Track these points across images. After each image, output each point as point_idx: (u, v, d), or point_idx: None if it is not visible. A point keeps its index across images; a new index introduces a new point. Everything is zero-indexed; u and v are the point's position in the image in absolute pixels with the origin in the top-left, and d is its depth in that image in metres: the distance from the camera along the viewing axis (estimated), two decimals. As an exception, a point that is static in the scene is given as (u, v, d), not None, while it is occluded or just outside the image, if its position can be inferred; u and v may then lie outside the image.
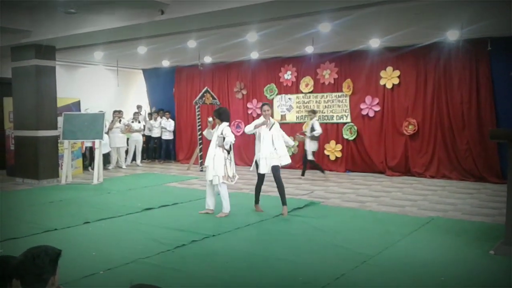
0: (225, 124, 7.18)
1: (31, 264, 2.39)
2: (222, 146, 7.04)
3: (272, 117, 7.46)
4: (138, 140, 14.12)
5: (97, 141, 10.85)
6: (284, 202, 7.23)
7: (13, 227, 6.54)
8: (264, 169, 7.17)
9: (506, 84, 9.81)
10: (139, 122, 14.22)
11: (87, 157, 12.87)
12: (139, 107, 15.00)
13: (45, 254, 2.44)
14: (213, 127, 7.41)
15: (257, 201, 7.53)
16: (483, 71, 10.11)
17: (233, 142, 7.18)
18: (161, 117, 14.79)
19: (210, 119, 7.52)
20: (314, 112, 11.08)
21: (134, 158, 14.25)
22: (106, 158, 13.03)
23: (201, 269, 4.92)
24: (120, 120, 13.31)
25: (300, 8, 7.09)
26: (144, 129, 14.58)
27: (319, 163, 11.28)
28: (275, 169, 7.18)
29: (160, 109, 14.97)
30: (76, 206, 8.21)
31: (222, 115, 7.25)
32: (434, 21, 8.21)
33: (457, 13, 7.59)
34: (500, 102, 9.94)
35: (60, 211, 7.81)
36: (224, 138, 7.03)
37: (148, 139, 14.96)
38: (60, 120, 11.03)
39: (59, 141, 11.05)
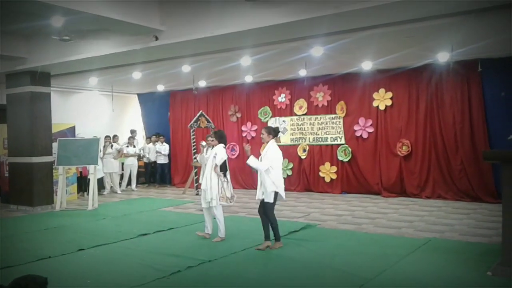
0: (221, 145, 7.21)
1: None
2: (216, 167, 7.01)
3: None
4: (132, 164, 14.09)
5: (91, 167, 10.82)
6: (276, 238, 6.74)
7: (7, 255, 6.46)
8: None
9: (497, 104, 9.93)
10: (134, 146, 14.21)
11: (81, 183, 12.81)
12: (133, 131, 15.02)
13: (34, 283, 2.43)
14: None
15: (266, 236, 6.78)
16: (474, 92, 10.24)
17: (223, 159, 7.12)
18: (153, 142, 14.79)
19: (204, 143, 7.57)
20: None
21: (129, 183, 14.19)
22: (101, 183, 12.97)
23: (198, 295, 4.88)
24: (112, 146, 13.30)
25: (293, 33, 7.20)
26: (142, 153, 14.61)
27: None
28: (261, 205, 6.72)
29: (156, 133, 14.98)
30: (71, 233, 8.14)
31: (223, 138, 7.29)
32: (425, 44, 8.34)
33: (447, 36, 7.72)
34: (492, 122, 10.03)
35: (55, 238, 7.74)
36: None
37: (145, 164, 14.99)
38: (55, 146, 11.02)
39: (53, 167, 11.02)
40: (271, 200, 6.55)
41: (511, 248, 5.16)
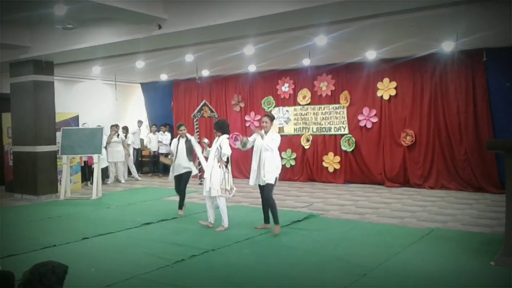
0: (224, 136, 7.21)
1: (38, 283, 2.38)
2: (221, 160, 7.05)
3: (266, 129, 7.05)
4: (124, 155, 13.96)
5: (95, 156, 10.85)
6: (275, 221, 6.95)
7: (12, 244, 6.50)
8: (251, 181, 7.11)
9: (502, 94, 9.86)
10: (126, 137, 14.11)
11: (86, 172, 12.83)
12: (140, 122, 15.06)
13: (52, 273, 2.43)
14: (209, 145, 7.48)
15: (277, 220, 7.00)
16: (479, 82, 10.17)
17: (229, 154, 7.18)
18: (153, 132, 14.81)
19: (206, 140, 7.67)
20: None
21: (129, 173, 14.19)
22: (105, 172, 13.00)
23: (201, 284, 4.91)
24: (118, 135, 13.30)
25: (296, 21, 7.15)
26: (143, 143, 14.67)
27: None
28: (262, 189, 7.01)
29: (164, 123, 14.95)
30: (75, 221, 8.19)
31: (223, 128, 7.27)
32: (430, 33, 8.27)
33: (452, 25, 7.66)
34: (496, 112, 9.97)
35: (59, 227, 7.79)
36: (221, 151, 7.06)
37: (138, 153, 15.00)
38: (58, 135, 11.05)
39: (57, 156, 11.06)
40: (273, 182, 6.86)
41: (514, 238, 5.16)
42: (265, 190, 6.92)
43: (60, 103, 11.82)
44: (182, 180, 8.51)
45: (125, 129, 14.04)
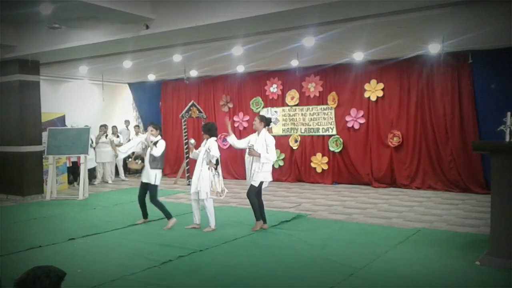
0: (212, 139, 7.18)
1: (31, 284, 2.38)
2: (210, 164, 7.02)
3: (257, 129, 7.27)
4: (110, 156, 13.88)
5: (82, 156, 10.76)
6: (256, 218, 7.14)
7: (-4, 245, 6.43)
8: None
9: (487, 96, 9.97)
10: (118, 136, 14.05)
11: (74, 172, 12.69)
12: (127, 121, 14.97)
13: (46, 277, 2.43)
14: (196, 147, 7.41)
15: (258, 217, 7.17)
16: (464, 83, 10.28)
17: (218, 156, 7.15)
18: (136, 133, 14.69)
19: (192, 141, 7.49)
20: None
21: (117, 173, 14.09)
22: (92, 173, 12.90)
23: (188, 285, 4.89)
24: (106, 135, 13.20)
25: (285, 22, 7.17)
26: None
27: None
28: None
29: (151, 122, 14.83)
30: (61, 222, 8.11)
31: (211, 131, 7.23)
32: (416, 35, 8.34)
33: (438, 27, 7.73)
34: (482, 113, 10.08)
35: (45, 227, 7.70)
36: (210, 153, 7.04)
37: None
38: (44, 135, 10.94)
39: (43, 156, 10.94)
40: (256, 185, 6.96)
41: (499, 238, 5.23)
42: (248, 190, 7.05)
43: (46, 103, 11.71)
44: (149, 192, 7.41)
45: (115, 128, 13.93)
